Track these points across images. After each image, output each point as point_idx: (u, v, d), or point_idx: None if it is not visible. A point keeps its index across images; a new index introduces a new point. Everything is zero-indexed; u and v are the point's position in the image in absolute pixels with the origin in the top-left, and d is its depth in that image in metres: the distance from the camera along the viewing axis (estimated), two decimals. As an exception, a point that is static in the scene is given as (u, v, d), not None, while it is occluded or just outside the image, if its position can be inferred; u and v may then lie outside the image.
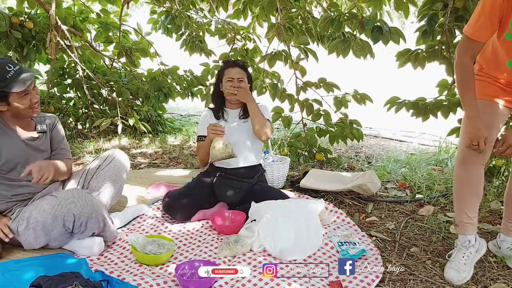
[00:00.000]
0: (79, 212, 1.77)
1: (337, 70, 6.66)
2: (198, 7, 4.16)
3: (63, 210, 1.76)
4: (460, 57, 1.62)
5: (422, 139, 4.47)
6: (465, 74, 1.63)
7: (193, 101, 4.45)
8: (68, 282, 1.44)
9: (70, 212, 1.76)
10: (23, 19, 3.79)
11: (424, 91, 3.05)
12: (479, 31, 1.55)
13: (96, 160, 2.18)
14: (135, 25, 4.29)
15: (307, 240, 1.92)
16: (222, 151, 2.18)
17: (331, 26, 2.84)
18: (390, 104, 2.91)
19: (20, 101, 1.84)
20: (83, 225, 1.80)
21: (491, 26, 1.53)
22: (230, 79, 2.36)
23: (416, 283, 1.70)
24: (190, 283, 1.60)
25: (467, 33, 1.58)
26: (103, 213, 1.88)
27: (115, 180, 2.13)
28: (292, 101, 3.44)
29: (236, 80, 2.36)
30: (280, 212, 1.99)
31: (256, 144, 2.45)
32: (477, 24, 1.54)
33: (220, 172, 2.38)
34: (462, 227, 1.79)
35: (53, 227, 1.78)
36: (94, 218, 1.82)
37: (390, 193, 2.74)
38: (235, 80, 2.36)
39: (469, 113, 1.63)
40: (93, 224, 1.83)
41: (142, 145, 4.07)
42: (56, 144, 2.10)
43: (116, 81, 4.24)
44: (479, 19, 1.53)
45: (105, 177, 2.10)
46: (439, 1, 2.56)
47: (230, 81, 2.36)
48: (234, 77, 2.36)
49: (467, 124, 1.64)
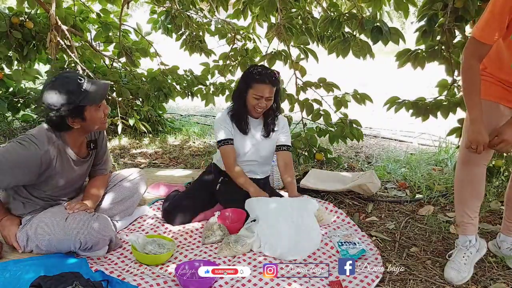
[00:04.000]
0: (85, 239, 1.75)
1: (337, 70, 6.66)
2: (198, 7, 4.16)
3: (69, 238, 1.75)
4: (467, 60, 1.60)
5: (422, 139, 4.47)
6: (472, 77, 1.61)
7: (193, 101, 4.44)
8: (68, 282, 1.44)
9: (77, 240, 1.75)
10: (23, 19, 3.78)
11: (424, 91, 3.05)
12: (487, 34, 1.53)
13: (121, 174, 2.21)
14: (135, 25, 4.29)
15: (306, 240, 1.92)
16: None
17: (331, 26, 2.84)
18: (390, 104, 2.91)
19: (96, 114, 1.75)
20: (89, 247, 1.80)
21: (500, 28, 1.50)
22: (257, 97, 2.16)
23: (416, 283, 1.70)
24: (190, 283, 1.60)
25: (475, 35, 1.56)
26: (111, 234, 1.86)
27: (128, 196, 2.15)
28: (292, 101, 3.44)
29: (265, 99, 2.16)
30: (275, 214, 1.97)
31: (271, 157, 2.45)
32: (486, 27, 1.52)
33: (223, 177, 2.33)
34: (463, 227, 1.79)
35: (58, 246, 1.78)
36: (101, 242, 1.82)
37: (390, 193, 2.74)
38: (263, 99, 2.16)
39: (473, 116, 1.61)
40: (100, 245, 1.83)
41: (142, 145, 4.07)
42: (99, 159, 2.06)
43: (116, 81, 4.23)
44: (488, 21, 1.51)
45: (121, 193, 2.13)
46: (439, 1, 2.56)
47: (257, 98, 2.16)
48: (263, 96, 2.15)
49: (469, 127, 1.63)
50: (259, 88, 2.15)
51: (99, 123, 1.82)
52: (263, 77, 2.15)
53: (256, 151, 2.33)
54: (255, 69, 2.21)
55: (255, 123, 2.33)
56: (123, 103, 4.13)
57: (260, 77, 2.15)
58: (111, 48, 4.66)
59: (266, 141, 2.34)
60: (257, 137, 2.32)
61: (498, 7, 1.48)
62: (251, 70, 2.21)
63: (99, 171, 2.09)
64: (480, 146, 1.59)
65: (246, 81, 2.21)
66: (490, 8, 1.51)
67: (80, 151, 1.91)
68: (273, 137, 2.36)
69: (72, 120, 1.73)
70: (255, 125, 2.33)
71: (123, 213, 2.15)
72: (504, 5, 1.46)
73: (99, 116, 1.79)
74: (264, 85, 2.14)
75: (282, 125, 2.38)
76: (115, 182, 2.14)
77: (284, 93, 3.47)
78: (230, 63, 3.92)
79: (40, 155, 1.68)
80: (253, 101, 2.18)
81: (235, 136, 2.29)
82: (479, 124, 1.60)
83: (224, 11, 3.82)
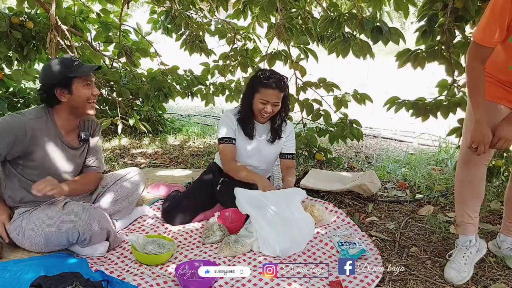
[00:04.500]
0: (83, 228, 1.77)
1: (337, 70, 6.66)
2: (198, 7, 4.16)
3: (67, 227, 1.76)
4: (469, 61, 1.61)
5: (422, 139, 4.47)
6: (475, 78, 1.62)
7: (193, 101, 4.44)
8: (68, 282, 1.44)
9: (75, 229, 1.76)
10: (23, 19, 3.78)
11: (424, 91, 3.05)
12: (488, 37, 1.53)
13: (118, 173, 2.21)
14: (135, 25, 4.29)
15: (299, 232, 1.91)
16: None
17: (331, 26, 2.84)
18: (390, 104, 2.91)
19: (83, 90, 1.84)
20: (87, 239, 1.80)
21: (500, 31, 1.50)
22: (264, 102, 2.12)
23: (416, 283, 1.70)
24: (190, 283, 1.60)
25: (476, 39, 1.56)
26: (108, 226, 1.88)
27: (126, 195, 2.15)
28: (292, 101, 3.44)
29: (271, 104, 2.13)
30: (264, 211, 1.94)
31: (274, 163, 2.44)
32: (486, 30, 1.53)
33: (223, 178, 2.30)
34: (463, 227, 1.79)
35: (56, 240, 1.79)
36: (99, 233, 1.82)
37: (390, 193, 2.74)
38: (269, 104, 2.13)
39: (477, 117, 1.61)
40: (98, 237, 1.84)
41: (142, 145, 4.07)
42: (90, 156, 2.10)
43: (116, 81, 4.23)
44: (487, 24, 1.52)
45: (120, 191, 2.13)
46: (439, 1, 2.56)
47: (264, 103, 2.13)
48: (269, 101, 2.12)
49: (473, 127, 1.62)
50: (266, 93, 2.11)
51: (86, 103, 1.88)
52: (270, 82, 2.11)
53: (259, 156, 2.32)
54: (263, 73, 2.16)
55: (261, 127, 2.30)
56: (123, 103, 4.13)
57: (267, 82, 2.11)
58: (111, 48, 4.66)
59: (271, 146, 2.31)
60: (262, 142, 2.29)
61: (497, 10, 1.47)
62: (259, 74, 2.17)
63: (90, 168, 2.11)
64: (481, 147, 1.59)
65: (253, 85, 2.17)
66: (490, 11, 1.50)
67: (69, 136, 1.95)
68: (279, 143, 2.34)
69: (60, 91, 1.82)
70: (261, 129, 2.29)
71: (122, 212, 2.15)
72: (504, 8, 1.46)
73: (87, 94, 1.87)
74: (271, 90, 2.11)
75: (289, 133, 2.37)
76: (113, 181, 2.14)
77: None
78: (230, 63, 3.92)
79: (25, 123, 1.78)
80: (259, 106, 2.14)
81: (239, 138, 2.27)
82: (483, 124, 1.59)
83: (224, 11, 3.82)
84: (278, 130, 2.29)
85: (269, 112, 2.15)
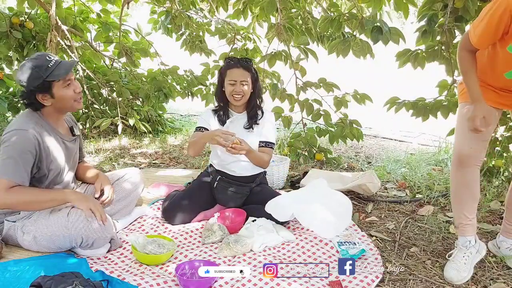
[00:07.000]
0: (87, 235, 1.77)
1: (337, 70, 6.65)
2: (198, 7, 4.16)
3: (71, 232, 1.76)
4: (459, 51, 1.71)
5: (422, 139, 4.47)
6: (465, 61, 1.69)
7: (193, 101, 4.45)
8: (68, 282, 1.44)
9: (79, 236, 1.77)
10: (23, 19, 3.79)
11: (424, 91, 3.05)
12: (482, 43, 1.61)
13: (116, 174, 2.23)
14: (135, 25, 4.29)
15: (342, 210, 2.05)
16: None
17: (331, 26, 2.84)
18: (390, 104, 2.92)
19: (64, 91, 1.78)
20: (89, 244, 1.81)
21: (495, 38, 1.57)
22: (232, 82, 2.18)
23: (416, 283, 1.71)
24: (190, 283, 1.60)
25: (472, 42, 1.62)
26: (111, 232, 1.87)
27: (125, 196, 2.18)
28: (292, 101, 3.44)
29: (239, 83, 2.18)
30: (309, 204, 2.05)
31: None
32: (482, 36, 1.58)
33: (220, 176, 2.32)
34: (462, 228, 1.80)
35: (59, 243, 1.80)
36: (102, 239, 1.83)
37: (390, 193, 2.74)
38: (237, 83, 2.17)
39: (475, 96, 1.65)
40: (100, 242, 1.84)
41: (142, 145, 4.07)
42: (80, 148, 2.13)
43: (116, 81, 4.24)
44: (484, 32, 1.56)
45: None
46: (439, 1, 2.56)
47: (232, 84, 2.18)
48: (236, 80, 2.17)
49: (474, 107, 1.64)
50: (231, 73, 2.19)
51: (72, 101, 1.83)
52: (234, 62, 2.23)
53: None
54: (227, 59, 2.29)
55: (239, 117, 2.31)
56: (123, 103, 4.13)
57: (230, 62, 2.23)
58: (111, 48, 4.66)
59: (251, 135, 2.28)
60: (242, 132, 2.27)
61: (495, 18, 1.50)
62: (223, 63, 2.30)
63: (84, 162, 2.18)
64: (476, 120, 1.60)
65: (221, 73, 2.27)
66: (488, 20, 1.53)
67: (63, 130, 1.95)
68: (257, 131, 2.31)
69: (42, 96, 1.76)
70: (238, 118, 2.30)
71: (122, 212, 2.15)
72: (502, 19, 1.48)
73: (69, 94, 1.80)
74: (235, 68, 2.20)
75: (267, 119, 2.34)
76: (112, 181, 2.14)
77: (284, 93, 3.48)
78: (230, 63, 3.92)
79: (31, 137, 1.73)
80: (229, 89, 2.19)
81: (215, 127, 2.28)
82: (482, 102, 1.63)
83: (224, 11, 3.83)
84: (254, 116, 2.31)
85: (239, 92, 2.19)
